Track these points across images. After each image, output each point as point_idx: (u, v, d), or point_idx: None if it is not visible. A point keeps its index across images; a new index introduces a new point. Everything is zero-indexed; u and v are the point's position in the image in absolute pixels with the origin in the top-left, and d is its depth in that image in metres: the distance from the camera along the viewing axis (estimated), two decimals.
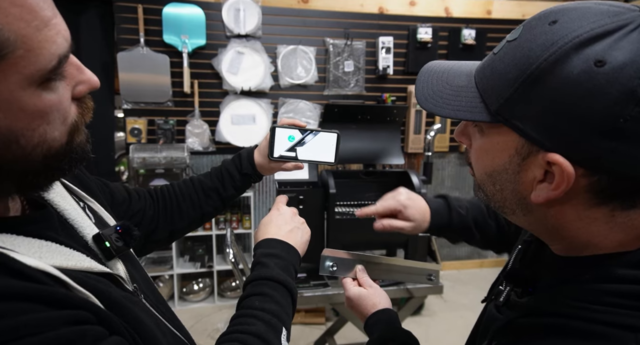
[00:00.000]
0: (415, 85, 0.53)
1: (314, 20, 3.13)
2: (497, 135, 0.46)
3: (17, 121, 0.39)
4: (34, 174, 0.43)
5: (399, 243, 1.72)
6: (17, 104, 0.38)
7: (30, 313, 0.34)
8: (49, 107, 0.41)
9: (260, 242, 0.71)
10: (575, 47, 0.38)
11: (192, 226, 0.88)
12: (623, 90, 0.36)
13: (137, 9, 2.81)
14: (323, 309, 2.91)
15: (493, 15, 3.42)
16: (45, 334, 0.34)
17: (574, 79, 0.38)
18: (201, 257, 3.10)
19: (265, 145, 0.86)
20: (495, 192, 0.49)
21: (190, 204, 0.86)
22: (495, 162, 0.47)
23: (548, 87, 0.39)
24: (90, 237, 0.54)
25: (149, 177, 2.83)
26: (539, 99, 0.40)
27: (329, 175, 1.62)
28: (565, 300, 0.44)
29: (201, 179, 0.88)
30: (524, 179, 0.45)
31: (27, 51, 0.37)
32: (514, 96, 0.42)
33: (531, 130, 0.42)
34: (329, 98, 3.21)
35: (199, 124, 3.02)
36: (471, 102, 0.47)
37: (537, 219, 0.47)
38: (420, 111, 3.32)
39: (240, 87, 2.99)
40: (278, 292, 0.62)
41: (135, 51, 2.81)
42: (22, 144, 0.40)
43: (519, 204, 0.47)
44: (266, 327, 0.56)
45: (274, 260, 0.66)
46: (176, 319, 0.65)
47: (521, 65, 0.41)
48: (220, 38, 2.99)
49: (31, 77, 0.38)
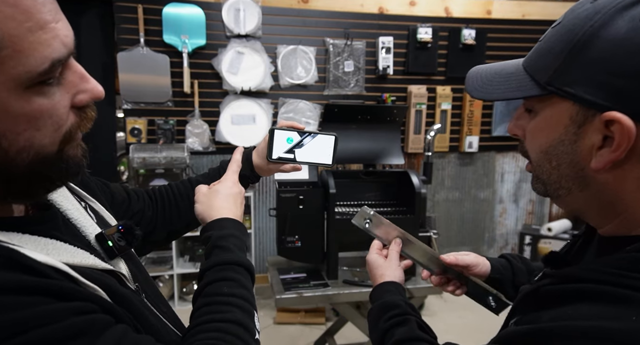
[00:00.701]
0: (466, 82, 0.57)
1: (314, 20, 3.13)
2: (549, 109, 0.47)
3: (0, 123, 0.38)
4: (21, 179, 0.41)
5: None
6: (1, 105, 0.37)
7: (40, 305, 0.35)
8: (39, 112, 0.40)
9: (213, 222, 0.68)
10: (618, 11, 0.41)
11: (190, 227, 0.88)
12: None
13: (137, 9, 2.81)
14: (323, 309, 2.91)
15: (493, 15, 3.42)
16: (55, 324, 0.35)
17: (622, 37, 0.40)
18: (201, 257, 3.10)
19: (264, 147, 0.86)
20: (551, 171, 0.49)
21: (189, 204, 0.85)
22: (551, 136, 0.48)
23: (597, 49, 0.41)
24: (93, 236, 0.54)
25: (149, 177, 2.83)
26: (589, 62, 0.42)
27: (329, 175, 1.62)
28: (599, 268, 0.44)
29: (199, 180, 0.89)
30: (582, 147, 0.45)
31: (16, 52, 0.36)
32: (563, 65, 0.44)
33: (585, 94, 0.43)
34: (329, 98, 3.21)
35: (199, 124, 3.02)
36: (521, 83, 0.49)
37: (594, 194, 0.47)
38: (420, 111, 3.32)
39: (240, 87, 2.99)
40: (243, 275, 0.61)
41: (135, 51, 2.81)
42: (4, 146, 0.39)
43: (577, 178, 0.47)
44: (242, 312, 0.55)
45: (233, 241, 0.64)
46: (177, 318, 0.65)
47: (567, 38, 0.44)
48: (220, 38, 2.99)
49: (18, 79, 0.37)
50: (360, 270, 1.70)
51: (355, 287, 1.57)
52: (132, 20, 2.82)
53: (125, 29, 2.84)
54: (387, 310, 0.72)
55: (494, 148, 3.59)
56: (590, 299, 0.42)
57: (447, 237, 3.66)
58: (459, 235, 3.69)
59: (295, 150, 0.86)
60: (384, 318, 0.71)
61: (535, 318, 0.47)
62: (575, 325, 0.40)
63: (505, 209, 3.75)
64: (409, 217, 1.61)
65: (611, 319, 0.39)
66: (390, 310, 0.72)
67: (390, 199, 1.82)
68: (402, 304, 0.73)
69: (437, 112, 3.39)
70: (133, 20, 2.82)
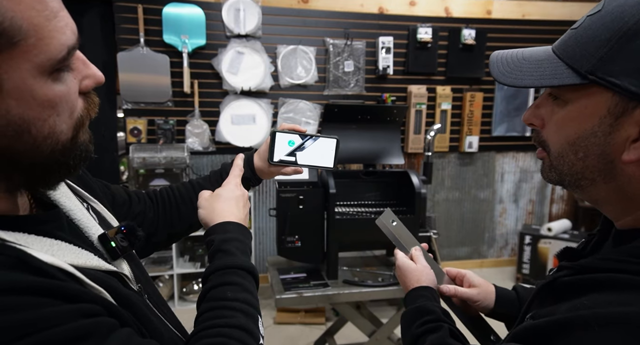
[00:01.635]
0: (490, 66, 0.54)
1: (314, 20, 3.13)
2: (585, 99, 0.46)
3: (29, 110, 0.39)
4: (42, 167, 0.43)
5: None
6: (29, 92, 0.38)
7: (49, 307, 0.36)
8: (59, 97, 0.41)
9: (216, 226, 0.68)
10: None
11: (191, 229, 0.88)
12: None
13: (137, 9, 2.81)
14: (323, 309, 2.91)
15: (493, 15, 3.42)
16: (63, 326, 0.36)
17: None
18: (201, 257, 3.10)
19: (265, 150, 0.86)
20: (576, 162, 0.49)
21: (190, 206, 0.85)
22: (582, 127, 0.47)
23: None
24: (96, 237, 0.54)
25: (149, 177, 2.83)
26: (635, 52, 0.41)
27: (329, 175, 1.62)
28: (615, 257, 0.44)
29: (200, 182, 0.89)
30: (616, 139, 0.45)
31: (39, 40, 0.38)
32: (609, 54, 0.43)
33: (630, 85, 0.42)
34: (329, 98, 3.21)
35: (199, 124, 3.02)
36: (555, 70, 0.47)
37: (619, 186, 0.47)
38: (420, 111, 3.32)
39: (240, 87, 2.99)
40: (247, 280, 0.61)
41: (135, 51, 2.81)
42: (34, 134, 0.40)
43: (603, 169, 0.47)
44: (245, 317, 0.55)
45: (235, 245, 0.64)
46: (176, 319, 0.65)
47: (614, 26, 0.42)
48: (220, 38, 2.99)
49: (42, 66, 0.39)
50: (360, 270, 1.70)
51: (355, 287, 1.57)
52: (132, 20, 2.82)
53: (125, 29, 2.84)
54: (421, 316, 0.72)
55: (494, 148, 3.59)
56: (607, 288, 0.42)
57: (447, 237, 3.66)
58: (459, 235, 3.70)
59: (297, 153, 0.86)
60: (417, 323, 0.71)
61: (553, 310, 0.46)
62: (594, 313, 0.40)
63: (505, 209, 3.76)
64: (409, 217, 1.61)
65: (628, 305, 0.39)
66: (424, 316, 0.71)
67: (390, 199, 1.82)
68: (437, 310, 0.72)
69: (437, 112, 3.39)
70: (133, 20, 2.82)
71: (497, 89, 3.43)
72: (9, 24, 0.36)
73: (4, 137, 0.38)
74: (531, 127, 0.54)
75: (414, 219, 1.60)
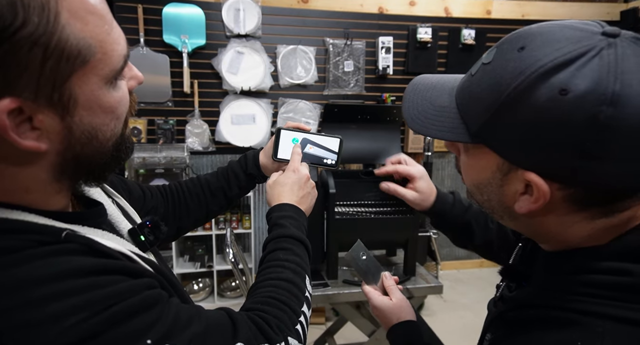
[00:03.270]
0: (402, 106, 0.56)
1: (313, 20, 3.13)
2: (479, 154, 0.49)
3: (96, 118, 0.44)
4: (103, 166, 0.48)
5: (399, 243, 1.72)
6: (96, 102, 0.43)
7: (122, 282, 0.42)
8: (118, 102, 0.46)
9: (274, 207, 0.78)
10: (540, 77, 0.40)
11: (197, 224, 0.92)
12: (586, 117, 0.38)
13: (137, 9, 2.81)
14: (323, 309, 2.91)
15: (493, 15, 3.43)
16: (135, 296, 0.42)
17: (541, 106, 0.40)
18: (201, 257, 3.10)
19: (270, 147, 0.89)
20: (483, 201, 0.53)
21: (197, 202, 0.89)
22: (480, 176, 0.50)
23: (520, 114, 0.42)
24: (126, 231, 0.58)
25: (149, 177, 2.83)
26: (513, 125, 0.43)
27: (328, 175, 1.62)
28: (546, 292, 0.48)
29: (208, 178, 0.91)
30: (507, 191, 0.48)
31: (103, 54, 0.42)
32: (491, 120, 0.45)
33: (508, 151, 0.45)
34: (329, 98, 3.21)
35: (199, 123, 3.02)
36: (453, 123, 0.50)
37: (523, 224, 0.52)
38: None
39: (240, 87, 2.99)
40: (297, 246, 0.70)
41: (135, 51, 2.81)
42: (100, 138, 0.45)
43: (505, 212, 0.51)
44: (293, 273, 0.65)
45: (289, 221, 0.74)
46: None
47: (494, 92, 0.44)
48: (220, 38, 2.99)
49: (106, 77, 0.43)
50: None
51: (355, 287, 1.57)
52: (132, 20, 2.82)
53: (125, 29, 2.81)
54: None
55: None
56: (546, 326, 0.46)
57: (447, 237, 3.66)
58: None
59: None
60: None
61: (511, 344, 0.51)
62: None
63: None
64: (408, 217, 1.61)
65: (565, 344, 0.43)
66: None
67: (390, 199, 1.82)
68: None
69: None
70: (133, 20, 2.82)
71: None
72: (83, 44, 0.39)
73: (78, 144, 0.43)
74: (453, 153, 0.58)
75: (414, 219, 1.60)
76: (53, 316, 0.37)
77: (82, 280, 0.40)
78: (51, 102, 0.40)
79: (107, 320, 0.39)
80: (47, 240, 0.41)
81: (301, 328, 0.59)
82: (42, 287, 0.38)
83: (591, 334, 0.42)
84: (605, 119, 0.38)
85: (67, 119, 0.41)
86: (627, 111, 0.37)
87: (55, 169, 0.44)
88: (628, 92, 0.37)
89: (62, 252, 0.41)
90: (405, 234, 1.62)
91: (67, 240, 0.43)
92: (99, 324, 0.38)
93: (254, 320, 0.54)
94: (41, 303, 0.37)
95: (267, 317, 0.55)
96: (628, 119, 0.38)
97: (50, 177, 0.45)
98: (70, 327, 0.37)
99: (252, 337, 0.51)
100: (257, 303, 0.59)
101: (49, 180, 0.45)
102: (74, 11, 0.39)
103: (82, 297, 0.38)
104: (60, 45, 0.38)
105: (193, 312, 0.48)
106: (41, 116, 0.40)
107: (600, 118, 0.38)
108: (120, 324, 0.39)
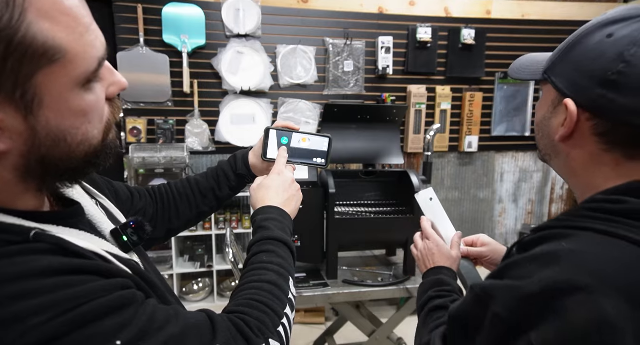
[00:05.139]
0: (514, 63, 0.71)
1: (313, 20, 3.13)
2: (546, 92, 0.63)
3: (64, 120, 0.43)
4: (74, 170, 0.47)
5: (399, 243, 1.73)
6: (65, 104, 0.42)
7: (92, 282, 0.41)
8: (90, 107, 0.45)
9: (259, 209, 0.77)
10: (600, 26, 0.55)
11: (188, 225, 0.91)
12: (617, 52, 0.52)
13: (137, 9, 2.81)
14: (323, 308, 2.91)
15: (493, 15, 3.43)
16: (107, 296, 0.41)
17: (593, 45, 0.55)
18: (201, 256, 3.10)
19: (260, 147, 0.88)
20: (539, 140, 0.66)
21: (187, 203, 0.89)
22: (541, 113, 0.64)
23: (576, 52, 0.56)
24: (108, 231, 0.57)
25: (149, 177, 2.83)
26: (569, 60, 0.57)
27: (328, 175, 1.62)
28: (557, 218, 0.58)
29: (198, 179, 0.91)
30: (554, 124, 0.61)
31: (74, 55, 0.41)
32: (556, 60, 0.60)
33: (559, 83, 0.58)
34: (329, 98, 3.21)
35: (199, 123, 3.02)
36: (537, 69, 0.64)
37: (563, 161, 0.63)
38: (420, 111, 3.32)
39: (240, 87, 2.99)
40: (281, 249, 0.70)
41: (135, 51, 2.81)
42: (69, 141, 0.44)
43: (551, 147, 0.63)
44: (277, 275, 0.64)
45: (273, 223, 0.73)
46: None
47: (567, 40, 0.59)
48: (220, 38, 2.99)
49: (77, 79, 0.42)
50: (360, 270, 1.70)
51: (355, 287, 1.57)
52: (132, 20, 2.82)
53: (125, 29, 2.84)
54: (440, 285, 0.87)
55: (493, 148, 3.59)
56: (547, 240, 0.54)
57: None
58: None
59: (290, 150, 0.88)
60: (436, 289, 0.86)
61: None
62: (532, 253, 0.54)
63: (504, 209, 3.76)
64: (408, 217, 1.61)
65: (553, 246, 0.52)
66: (443, 286, 0.86)
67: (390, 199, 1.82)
68: (455, 285, 0.89)
69: (437, 112, 3.39)
70: (133, 20, 2.82)
71: (497, 89, 3.43)
72: (51, 43, 0.39)
73: (43, 146, 0.42)
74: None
75: (414, 218, 1.60)
76: (16, 316, 0.36)
77: (49, 280, 0.39)
78: (13, 99, 0.39)
79: (74, 320, 0.38)
80: (14, 240, 0.41)
81: (284, 330, 0.59)
82: (6, 286, 0.37)
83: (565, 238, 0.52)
84: (628, 56, 0.51)
85: (31, 119, 0.40)
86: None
87: (19, 170, 0.43)
88: None
89: (30, 251, 0.40)
90: (405, 234, 1.62)
91: (36, 240, 0.42)
92: (65, 325, 0.37)
93: (234, 322, 0.53)
94: (4, 302, 0.36)
95: (248, 319, 0.55)
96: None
97: (16, 178, 0.44)
98: (34, 327, 0.36)
99: (232, 339, 0.51)
100: (239, 305, 0.58)
101: (15, 181, 0.44)
102: (45, 10, 0.38)
103: (47, 297, 0.37)
104: (25, 42, 0.37)
105: (170, 314, 0.47)
106: (1, 114, 0.39)
107: (625, 55, 0.51)
108: (88, 324, 0.39)
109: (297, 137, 0.88)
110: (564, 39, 0.60)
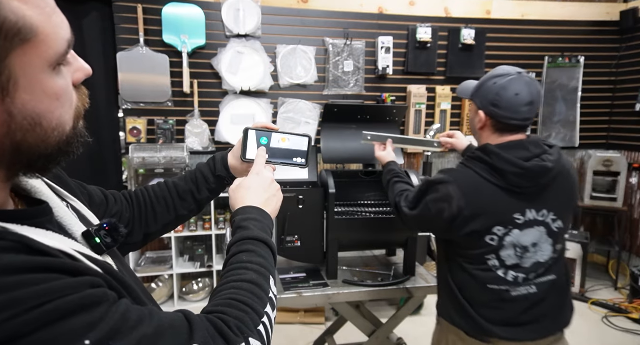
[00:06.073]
0: (460, 86, 1.35)
1: (313, 20, 3.13)
2: (472, 105, 1.25)
3: (40, 103, 0.42)
4: (47, 157, 0.46)
5: (399, 243, 1.73)
6: (39, 86, 0.41)
7: (58, 280, 0.39)
8: (62, 90, 0.44)
9: (238, 210, 0.76)
10: (492, 77, 1.20)
11: (167, 229, 0.89)
12: (496, 91, 1.17)
13: (137, 9, 2.81)
14: (323, 309, 2.91)
15: (492, 15, 3.43)
16: (75, 295, 0.39)
17: (488, 86, 1.19)
18: (201, 257, 3.10)
19: (239, 148, 0.87)
20: (472, 130, 1.28)
21: (165, 207, 0.87)
22: (471, 116, 1.29)
23: (482, 89, 1.21)
24: (79, 234, 0.55)
25: (149, 177, 2.83)
26: (479, 93, 1.22)
27: (328, 175, 1.62)
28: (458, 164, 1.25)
29: (176, 182, 0.90)
30: (476, 121, 1.24)
31: (46, 36, 0.40)
32: (474, 91, 1.24)
33: (477, 102, 1.23)
34: (329, 98, 3.21)
35: (199, 123, 3.02)
36: (469, 94, 1.28)
37: (478, 137, 1.27)
38: (420, 111, 3.32)
39: (239, 87, 2.99)
40: (261, 248, 0.69)
41: (135, 51, 2.81)
42: (45, 126, 0.43)
43: (475, 132, 1.27)
44: (257, 275, 0.63)
45: (253, 223, 0.72)
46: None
47: (479, 82, 1.25)
48: (220, 38, 2.99)
49: (49, 60, 0.41)
50: (360, 270, 1.70)
51: (355, 287, 1.57)
52: (131, 20, 2.82)
53: (125, 29, 2.84)
54: (395, 173, 1.49)
55: None
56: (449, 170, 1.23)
57: None
58: None
59: (270, 150, 0.87)
60: (394, 179, 1.47)
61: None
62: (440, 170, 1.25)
63: None
64: None
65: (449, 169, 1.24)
66: (396, 173, 1.50)
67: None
68: (401, 172, 1.51)
69: (437, 112, 3.39)
70: (133, 20, 2.82)
71: None
72: (22, 23, 0.38)
73: (20, 131, 0.41)
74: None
75: None
76: None
77: (10, 278, 0.37)
78: None
79: (39, 319, 0.36)
80: None
81: (264, 329, 0.58)
82: None
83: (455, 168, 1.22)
84: (500, 93, 1.16)
85: (7, 101, 0.39)
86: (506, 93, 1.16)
87: None
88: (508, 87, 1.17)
89: None
90: (405, 234, 1.62)
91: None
92: (28, 324, 0.36)
93: (212, 322, 0.53)
94: None
95: (226, 319, 0.54)
96: (505, 95, 1.16)
97: None
98: None
99: (210, 339, 0.50)
100: (218, 305, 0.57)
101: None
102: None
103: (7, 296, 0.36)
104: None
105: (144, 313, 0.46)
106: None
107: (500, 92, 1.16)
108: (54, 323, 0.37)
109: (277, 137, 0.87)
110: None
